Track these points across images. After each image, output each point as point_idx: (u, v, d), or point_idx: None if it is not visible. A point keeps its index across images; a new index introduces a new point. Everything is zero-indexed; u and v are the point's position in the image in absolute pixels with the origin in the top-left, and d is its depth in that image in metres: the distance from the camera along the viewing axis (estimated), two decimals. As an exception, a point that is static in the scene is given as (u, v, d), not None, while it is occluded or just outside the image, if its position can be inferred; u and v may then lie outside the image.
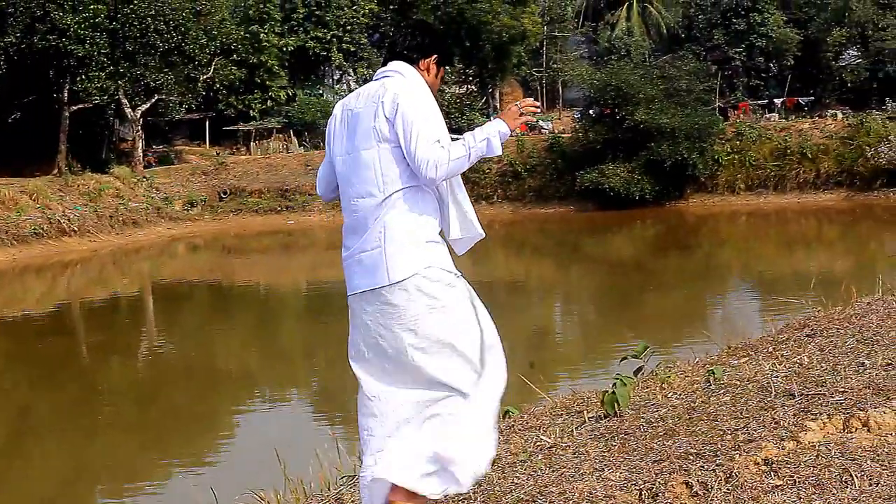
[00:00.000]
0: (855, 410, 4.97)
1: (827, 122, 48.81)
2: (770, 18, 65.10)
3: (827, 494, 4.13)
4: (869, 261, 27.67)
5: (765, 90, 66.66)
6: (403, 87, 4.35)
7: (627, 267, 31.45)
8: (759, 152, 46.27)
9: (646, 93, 44.87)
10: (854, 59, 65.91)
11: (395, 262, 4.22)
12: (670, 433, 4.96)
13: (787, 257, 31.73)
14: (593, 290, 27.40)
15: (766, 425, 4.86)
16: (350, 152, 4.40)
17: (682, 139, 43.93)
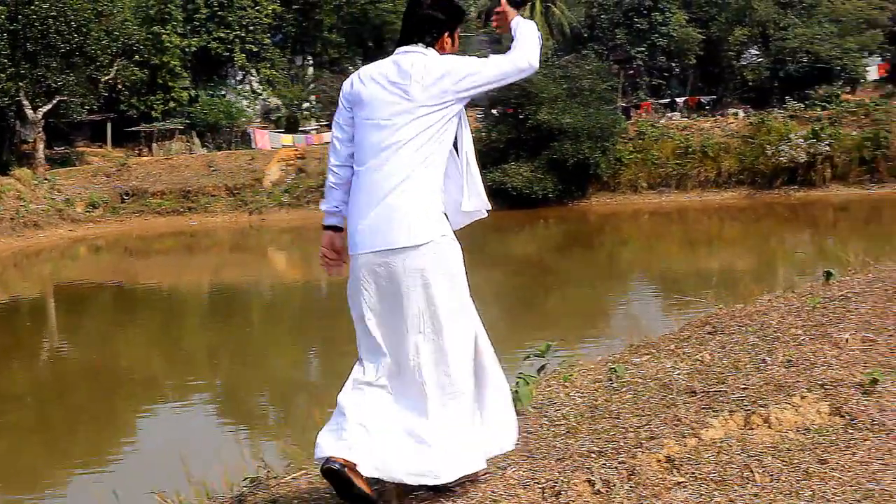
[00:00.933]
0: (756, 407, 5.09)
1: (728, 120, 49.74)
2: (672, 18, 66.09)
3: (728, 490, 4.23)
4: (770, 258, 28.30)
5: (667, 89, 67.66)
6: (444, 58, 4.68)
7: (531, 266, 31.70)
8: (662, 151, 46.95)
9: (549, 92, 45.27)
10: (755, 59, 67.24)
11: (416, 225, 4.46)
12: (573, 431, 5.04)
13: (690, 255, 32.27)
14: (497, 289, 27.59)
15: (668, 423, 4.96)
16: (392, 118, 4.57)
17: (584, 138, 44.49)
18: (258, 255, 40.49)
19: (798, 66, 64.22)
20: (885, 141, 43.98)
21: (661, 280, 27.20)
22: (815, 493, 4.24)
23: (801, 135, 44.60)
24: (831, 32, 66.25)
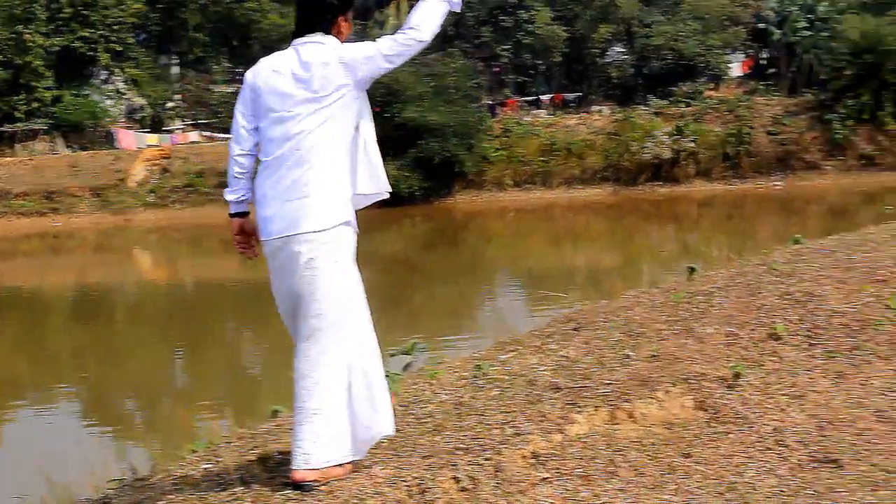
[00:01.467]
0: (620, 402, 5.16)
1: (593, 117, 50.28)
2: (537, 16, 66.70)
3: (593, 485, 4.28)
4: (635, 254, 28.70)
5: (532, 87, 68.26)
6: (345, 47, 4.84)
7: (397, 265, 31.74)
8: (527, 149, 47.24)
9: (415, 90, 45.31)
10: (620, 56, 68.28)
11: (320, 211, 4.75)
12: (439, 428, 5.04)
13: (555, 252, 32.60)
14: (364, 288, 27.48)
15: (534, 419, 4.99)
16: (292, 108, 4.77)
17: (450, 136, 44.65)
18: (123, 256, 39.86)
19: (662, 63, 65.44)
20: (748, 137, 45.01)
21: (527, 277, 27.43)
22: (680, 487, 4.31)
23: (665, 131, 45.38)
24: (695, 30, 67.62)
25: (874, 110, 44.02)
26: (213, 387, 16.77)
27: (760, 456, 4.73)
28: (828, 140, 44.47)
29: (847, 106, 44.40)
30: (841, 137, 44.10)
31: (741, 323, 6.57)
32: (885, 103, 43.88)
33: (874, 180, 42.12)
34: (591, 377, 5.65)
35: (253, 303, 27.15)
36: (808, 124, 45.39)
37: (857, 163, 43.99)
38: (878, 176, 42.60)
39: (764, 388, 5.52)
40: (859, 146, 44.04)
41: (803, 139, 44.85)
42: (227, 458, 5.11)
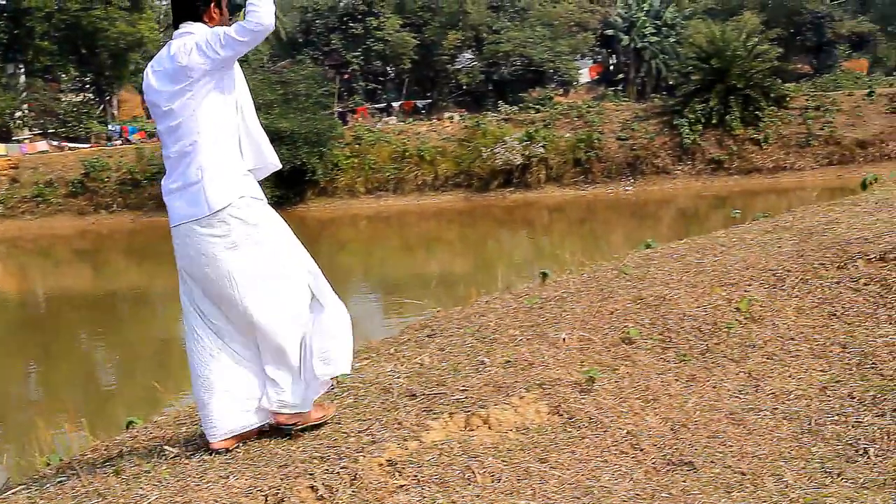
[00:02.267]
0: (476, 408, 5.19)
1: (444, 124, 50.62)
2: (386, 22, 66.92)
3: (450, 492, 4.30)
4: (488, 260, 29.01)
5: (383, 94, 68.48)
6: (189, 39, 5.03)
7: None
8: (378, 156, 47.42)
9: (265, 98, 45.15)
10: (469, 62, 68.89)
11: (213, 193, 4.99)
12: (294, 437, 5.02)
13: (409, 259, 32.74)
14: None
15: (389, 426, 5.00)
16: (168, 102, 5.05)
17: (301, 144, 44.67)
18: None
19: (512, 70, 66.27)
20: (598, 142, 45.83)
21: (381, 284, 27.52)
22: (536, 492, 4.36)
23: (515, 137, 45.90)
24: (544, 36, 68.59)
25: (722, 115, 45.23)
26: (68, 399, 16.45)
27: (615, 460, 4.82)
28: (677, 145, 45.55)
29: (695, 111, 45.52)
30: (690, 142, 45.21)
31: (594, 327, 6.67)
32: (732, 108, 45.12)
33: (723, 184, 43.31)
34: (446, 384, 5.67)
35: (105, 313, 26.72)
36: (658, 129, 46.43)
37: (706, 167, 45.16)
38: (726, 180, 43.83)
39: (618, 393, 5.62)
40: (708, 150, 45.21)
41: (653, 144, 45.87)
42: (81, 470, 5.01)
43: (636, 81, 79.10)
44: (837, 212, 9.65)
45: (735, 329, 6.53)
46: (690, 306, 6.90)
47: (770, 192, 40.20)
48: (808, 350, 6.26)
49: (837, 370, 5.99)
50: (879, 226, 8.26)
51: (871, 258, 7.25)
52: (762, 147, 45.00)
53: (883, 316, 6.55)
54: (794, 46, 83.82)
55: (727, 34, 48.47)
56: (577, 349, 6.29)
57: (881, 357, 5.99)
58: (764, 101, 45.62)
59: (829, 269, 7.26)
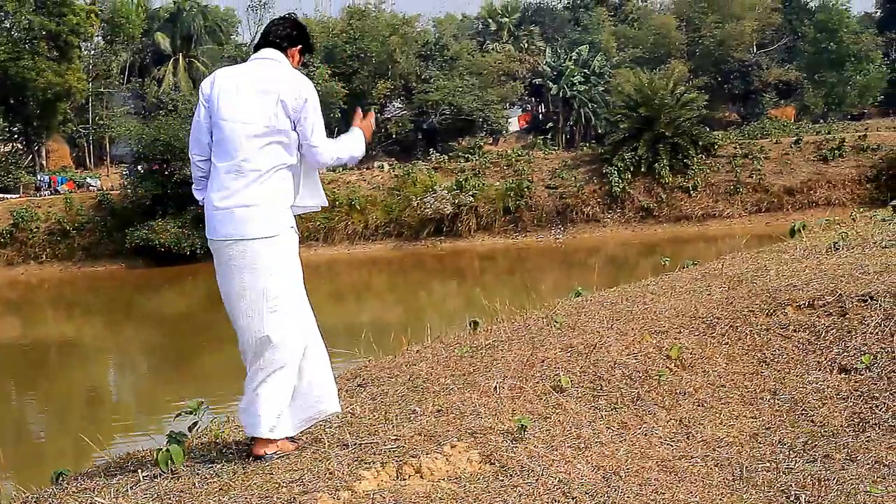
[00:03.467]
0: (408, 458, 5.19)
1: (374, 173, 50.75)
2: (316, 72, 67.09)
3: (383, 544, 4.29)
4: (419, 309, 29.07)
5: (306, 141, 68.53)
6: (300, 83, 5.66)
7: (181, 323, 31.50)
8: (309, 205, 47.37)
9: (200, 150, 45.16)
10: (399, 111, 69.27)
11: (267, 219, 5.54)
12: (225, 488, 4.97)
13: (339, 309, 32.71)
14: (148, 347, 27.29)
15: (321, 476, 4.98)
16: (245, 122, 5.54)
17: (230, 193, 44.44)
18: None
19: (441, 119, 66.63)
20: (528, 191, 46.12)
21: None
22: (469, 542, 4.36)
23: (445, 186, 46.08)
24: (473, 85, 69.11)
25: (651, 163, 45.73)
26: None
27: (548, 508, 4.83)
28: (606, 193, 45.96)
29: (624, 159, 45.96)
30: (619, 190, 45.63)
31: (525, 376, 6.70)
32: (661, 156, 45.64)
33: (652, 232, 43.72)
34: (377, 433, 5.67)
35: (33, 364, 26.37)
36: (587, 177, 46.83)
37: (636, 215, 45.59)
38: (655, 227, 44.25)
39: (549, 441, 5.63)
40: (637, 198, 45.66)
41: (582, 192, 46.24)
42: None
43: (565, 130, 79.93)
44: (766, 259, 9.79)
45: (666, 376, 6.58)
46: (621, 354, 6.95)
47: (699, 240, 40.67)
48: (738, 397, 6.33)
49: (768, 417, 6.06)
50: (807, 273, 8.39)
51: (799, 305, 7.36)
52: (691, 195, 45.55)
53: (812, 362, 6.65)
54: (722, 94, 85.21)
55: (655, 83, 49.12)
56: (508, 398, 6.30)
57: (811, 403, 6.07)
58: (692, 148, 46.22)
59: (758, 316, 7.35)
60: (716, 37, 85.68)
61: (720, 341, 7.09)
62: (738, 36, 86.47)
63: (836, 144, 46.11)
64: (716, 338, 7.13)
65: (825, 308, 7.19)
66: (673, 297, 8.62)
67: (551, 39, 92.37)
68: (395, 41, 69.74)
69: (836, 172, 45.03)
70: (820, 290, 7.51)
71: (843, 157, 45.66)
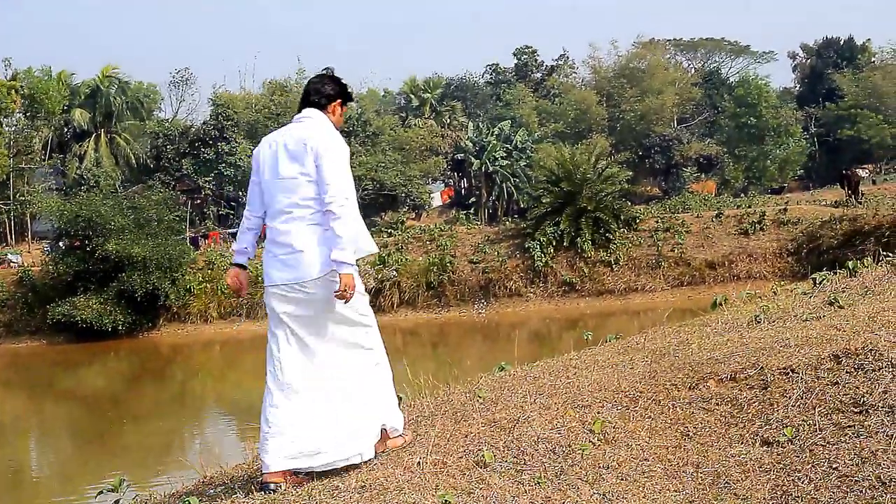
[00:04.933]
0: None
1: (299, 247, 50.71)
2: (238, 147, 67.31)
3: None
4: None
5: (235, 218, 68.65)
6: (325, 140, 6.35)
7: (103, 400, 31.31)
8: (231, 281, 47.24)
9: (116, 223, 45.21)
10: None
11: (313, 262, 6.28)
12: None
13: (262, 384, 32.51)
14: (69, 425, 27.06)
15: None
16: (282, 178, 6.37)
17: (153, 269, 44.59)
18: None
19: (364, 194, 66.92)
20: (451, 266, 46.27)
21: (236, 409, 27.36)
22: None
23: (368, 261, 46.11)
24: (395, 160, 69.59)
25: (573, 237, 46.11)
26: None
27: (472, 585, 4.83)
28: (529, 267, 46.20)
29: (546, 233, 46.28)
30: (542, 264, 45.88)
31: (448, 451, 6.70)
32: (583, 230, 46.05)
33: (575, 306, 44.00)
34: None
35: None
36: (510, 252, 47.09)
37: (558, 289, 45.84)
38: (578, 301, 44.54)
39: (474, 516, 5.64)
40: (560, 273, 45.94)
41: (505, 267, 46.45)
42: None
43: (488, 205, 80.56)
44: (688, 332, 9.90)
45: (589, 451, 6.62)
46: (544, 428, 6.98)
47: (622, 314, 41.00)
48: (661, 470, 6.39)
49: (691, 490, 6.12)
50: (729, 346, 8.50)
51: (721, 378, 7.45)
52: (613, 269, 45.94)
53: (735, 435, 6.72)
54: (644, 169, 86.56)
55: (577, 157, 49.73)
56: (431, 473, 6.30)
57: (734, 476, 6.14)
58: (614, 223, 46.69)
59: (681, 389, 7.43)
60: (637, 111, 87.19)
61: (643, 415, 7.16)
62: (659, 110, 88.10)
63: (757, 218, 46.83)
64: (638, 411, 7.20)
65: (747, 381, 7.28)
66: (596, 370, 8.69)
67: (473, 115, 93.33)
68: (318, 116, 69.81)
69: (756, 246, 45.67)
70: (742, 364, 7.61)
71: (763, 231, 46.36)
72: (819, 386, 6.79)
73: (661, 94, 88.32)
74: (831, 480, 5.75)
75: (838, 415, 6.38)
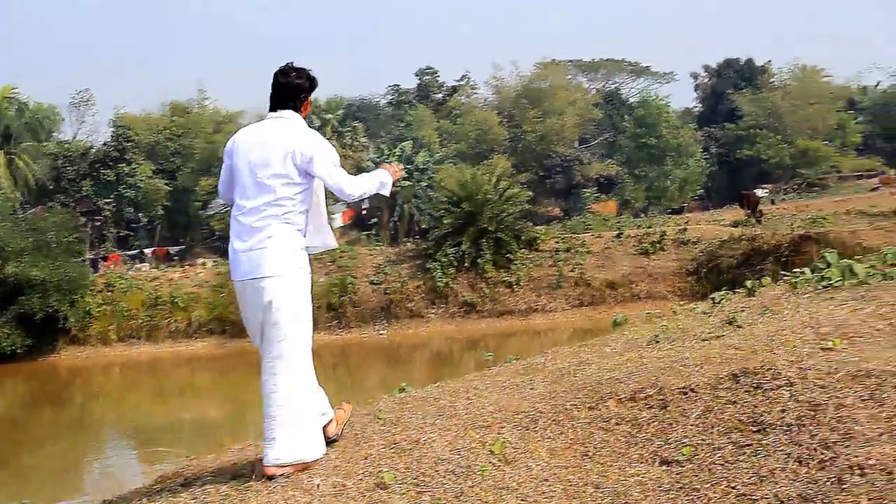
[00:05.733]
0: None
1: (197, 270, 50.42)
2: (138, 169, 66.66)
3: None
4: (242, 406, 28.80)
5: (135, 240, 68.02)
6: (310, 144, 6.67)
7: (1, 424, 30.72)
8: (131, 303, 46.81)
9: (15, 245, 44.62)
10: (223, 208, 69.14)
11: (275, 260, 6.62)
12: None
13: (162, 407, 32.37)
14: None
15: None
16: (257, 173, 6.60)
17: (52, 291, 43.90)
18: None
19: (266, 213, 66.53)
20: (352, 287, 46.17)
21: (135, 433, 27.11)
22: None
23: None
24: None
25: (474, 258, 46.25)
26: None
27: None
28: (430, 288, 46.25)
29: (448, 254, 46.37)
30: (443, 285, 45.96)
31: (348, 473, 6.67)
32: (484, 251, 46.21)
33: (476, 326, 44.14)
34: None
35: None
36: (411, 273, 47.12)
37: (460, 310, 45.93)
38: (479, 322, 44.68)
39: (373, 539, 5.61)
40: (461, 293, 46.05)
41: (406, 288, 46.46)
42: None
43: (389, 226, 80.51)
44: (588, 353, 9.96)
45: (489, 472, 6.62)
46: (444, 450, 6.97)
47: (523, 334, 41.21)
48: (561, 491, 6.40)
49: (591, 510, 6.13)
50: (629, 366, 8.56)
51: (621, 398, 7.50)
52: (514, 289, 46.14)
53: (634, 455, 6.76)
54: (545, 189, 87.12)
55: (478, 178, 49.95)
56: (330, 495, 6.27)
57: (633, 496, 6.17)
58: (515, 243, 46.94)
59: (580, 409, 7.46)
60: (538, 132, 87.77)
61: (543, 435, 7.18)
62: (560, 131, 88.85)
63: (657, 238, 47.40)
64: (539, 432, 7.22)
65: (646, 401, 7.34)
66: (496, 391, 8.71)
67: (375, 135, 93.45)
68: (219, 138, 69.62)
69: (657, 266, 46.20)
70: (641, 383, 7.67)
71: (663, 251, 46.93)
72: (718, 405, 6.86)
73: (562, 115, 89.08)
74: (730, 499, 5.80)
75: (737, 434, 6.44)
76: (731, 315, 9.95)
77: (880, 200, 54.12)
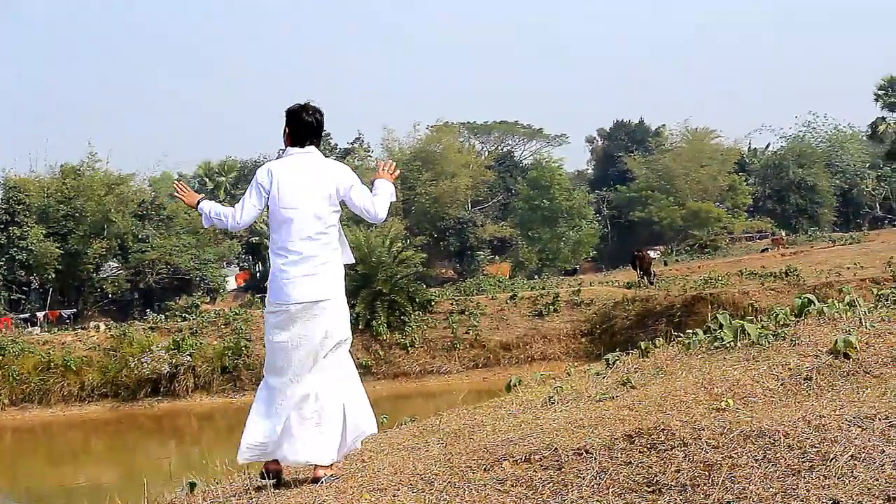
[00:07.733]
0: None
1: (90, 333, 49.66)
2: (30, 232, 65.76)
3: None
4: (135, 470, 28.40)
5: (27, 303, 66.98)
6: (345, 175, 7.47)
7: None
8: (23, 366, 45.98)
9: None
10: (115, 271, 68.47)
11: (331, 284, 7.48)
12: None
13: (55, 472, 31.90)
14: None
15: None
16: (307, 205, 7.29)
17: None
18: None
19: (158, 278, 65.96)
20: (246, 350, 45.72)
21: (27, 499, 26.57)
22: None
23: (162, 346, 45.37)
24: (189, 244, 68.81)
25: (369, 320, 46.17)
26: None
27: None
28: (327, 349, 45.98)
29: (343, 316, 46.19)
30: (338, 347, 45.70)
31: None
32: (378, 313, 46.19)
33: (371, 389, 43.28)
34: None
35: None
36: (305, 334, 46.82)
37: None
38: (374, 384, 44.41)
39: None
40: (356, 356, 45.36)
41: (300, 349, 46.14)
42: None
43: (284, 287, 79.96)
44: (483, 414, 9.96)
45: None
46: (340, 513, 6.90)
47: (418, 396, 41.12)
48: (458, 554, 6.35)
49: (487, 572, 6.09)
50: (524, 427, 8.57)
51: (516, 460, 7.48)
52: (409, 351, 46.09)
53: (530, 516, 6.74)
54: (439, 251, 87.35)
55: (372, 240, 49.93)
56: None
57: (529, 558, 6.15)
58: (409, 305, 46.98)
59: (476, 471, 7.43)
60: (431, 194, 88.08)
61: (438, 498, 7.12)
62: (453, 193, 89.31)
63: (551, 300, 47.71)
64: (434, 494, 7.16)
65: (542, 462, 7.33)
66: (391, 453, 8.66)
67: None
68: (111, 200, 68.84)
69: (551, 327, 46.46)
70: (536, 445, 7.66)
71: (557, 312, 47.21)
72: (613, 466, 6.87)
73: (455, 177, 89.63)
74: (625, 560, 5.80)
75: (632, 494, 6.45)
76: (625, 376, 10.02)
77: (771, 261, 55.13)
